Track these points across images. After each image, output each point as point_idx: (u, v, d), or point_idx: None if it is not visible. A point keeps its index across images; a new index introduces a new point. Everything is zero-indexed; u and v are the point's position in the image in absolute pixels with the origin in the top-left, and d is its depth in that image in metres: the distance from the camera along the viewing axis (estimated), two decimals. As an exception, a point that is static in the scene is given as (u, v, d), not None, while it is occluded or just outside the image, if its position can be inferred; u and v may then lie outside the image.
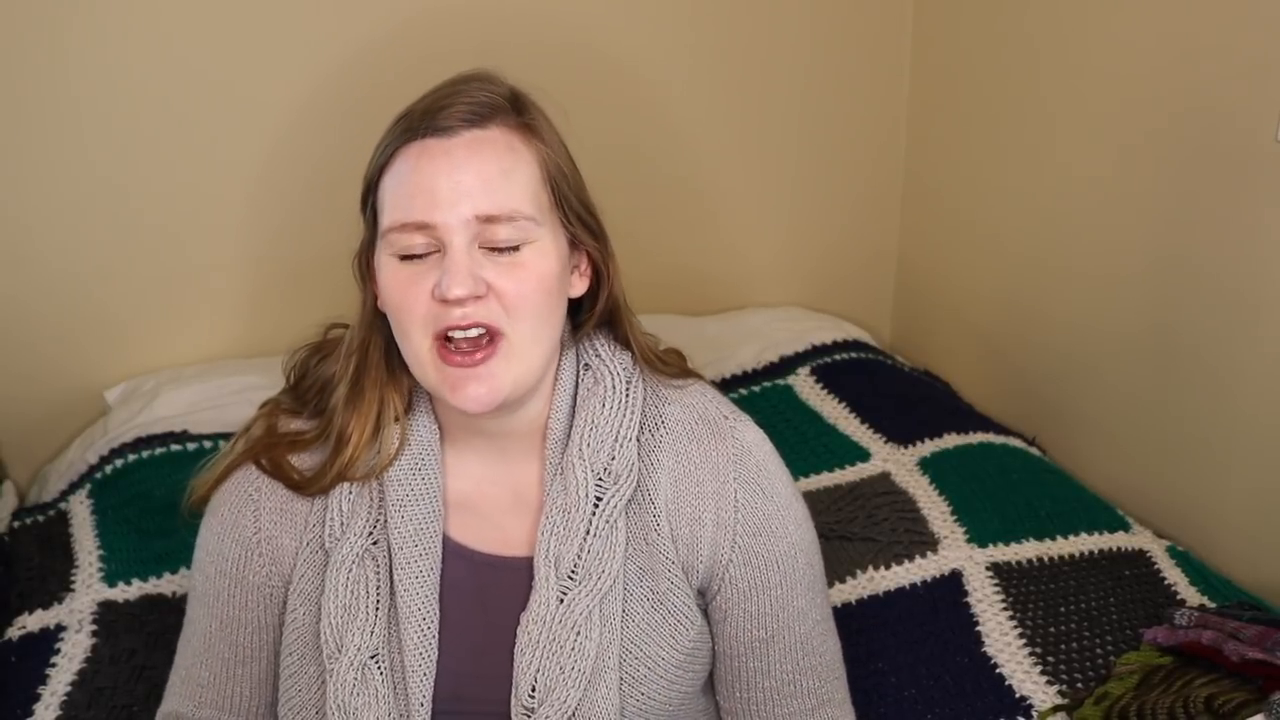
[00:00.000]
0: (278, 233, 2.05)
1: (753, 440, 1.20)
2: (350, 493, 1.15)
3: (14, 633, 1.52)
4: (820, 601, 1.23)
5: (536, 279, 1.08)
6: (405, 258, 1.08)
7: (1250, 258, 1.64)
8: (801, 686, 1.20)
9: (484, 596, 1.16)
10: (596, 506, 1.13)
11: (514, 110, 1.11)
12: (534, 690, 1.11)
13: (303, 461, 1.18)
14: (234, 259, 2.05)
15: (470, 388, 1.07)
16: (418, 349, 1.08)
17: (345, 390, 1.16)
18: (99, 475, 1.84)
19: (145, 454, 1.84)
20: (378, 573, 1.14)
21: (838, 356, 2.19)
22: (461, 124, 1.08)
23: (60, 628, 1.52)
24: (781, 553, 1.18)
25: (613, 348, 1.20)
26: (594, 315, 1.18)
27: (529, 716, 1.11)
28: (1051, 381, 2.06)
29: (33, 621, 1.54)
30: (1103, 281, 1.91)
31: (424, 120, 1.08)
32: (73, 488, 1.86)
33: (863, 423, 1.99)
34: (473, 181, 1.06)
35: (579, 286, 1.17)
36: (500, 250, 1.07)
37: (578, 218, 1.13)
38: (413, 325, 1.08)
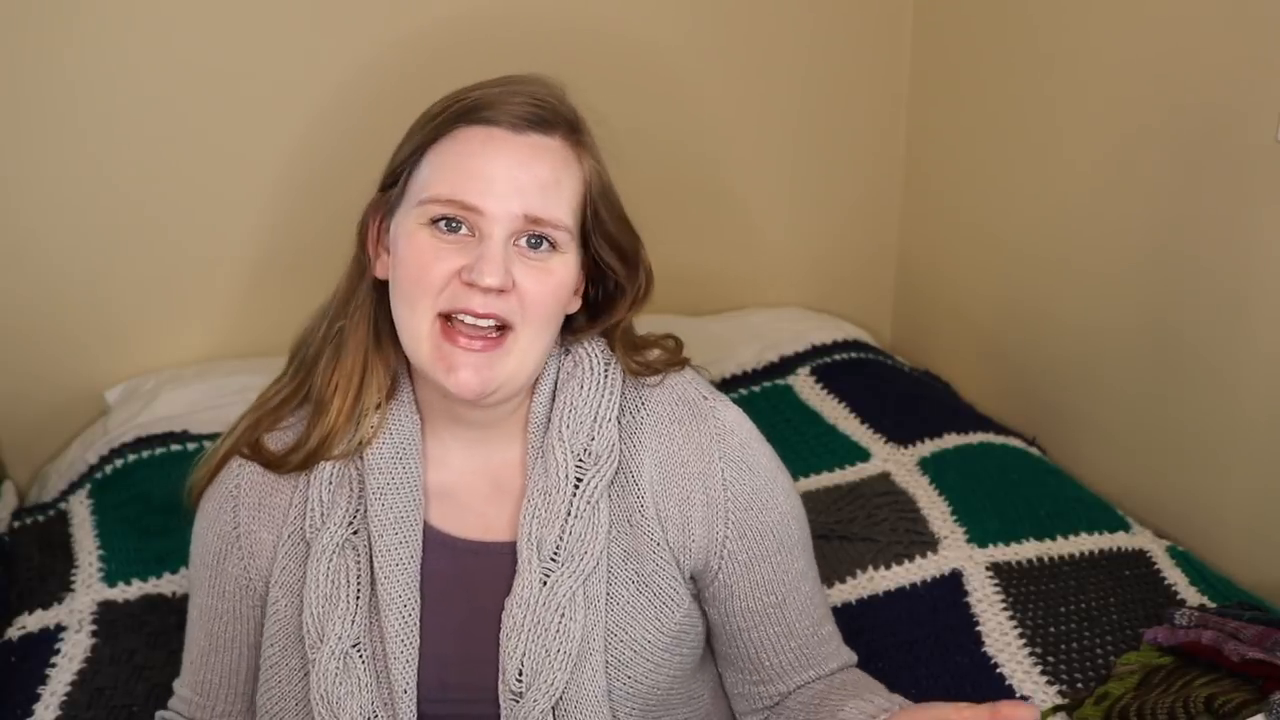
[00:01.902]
0: (279, 232, 2.05)
1: (732, 419, 1.21)
2: (330, 482, 1.16)
3: (14, 633, 1.53)
4: (814, 560, 1.26)
5: (556, 286, 1.11)
6: (435, 226, 1.08)
7: (1251, 257, 1.64)
8: (821, 634, 1.23)
9: (467, 583, 1.16)
10: (577, 488, 1.14)
11: (571, 124, 1.14)
12: (521, 674, 1.12)
13: (283, 437, 1.19)
14: (234, 259, 2.05)
15: (464, 373, 1.08)
16: (419, 322, 1.09)
17: (327, 349, 1.17)
18: (99, 475, 1.84)
19: (145, 454, 1.84)
20: (358, 562, 1.14)
21: (838, 356, 2.19)
22: (530, 125, 1.10)
23: (60, 628, 1.52)
24: (774, 521, 1.20)
25: (592, 335, 1.21)
26: (591, 329, 1.20)
27: (517, 701, 1.12)
28: (1051, 381, 2.06)
29: (33, 621, 1.54)
30: (1103, 281, 1.91)
31: (491, 109, 1.10)
32: (73, 488, 1.86)
33: (863, 423, 1.99)
34: (528, 181, 1.08)
35: (572, 305, 1.18)
36: (530, 253, 1.09)
37: (608, 238, 1.16)
38: (423, 298, 1.08)
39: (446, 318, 1.08)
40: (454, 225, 1.08)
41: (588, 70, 2.07)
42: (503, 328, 1.09)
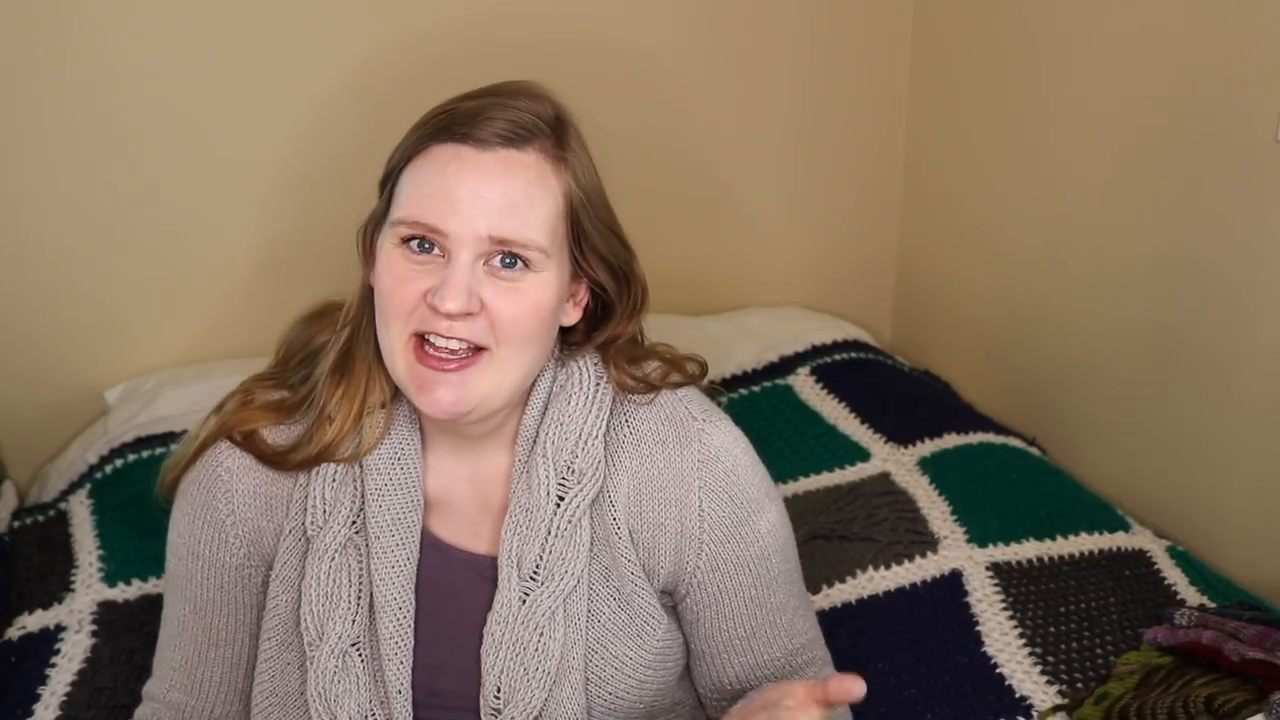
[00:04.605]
0: (279, 232, 2.05)
1: (721, 444, 1.17)
2: (334, 480, 1.15)
3: (14, 633, 1.53)
4: (798, 590, 1.23)
5: (532, 307, 1.08)
6: (407, 247, 1.07)
7: (1250, 258, 1.64)
8: (795, 663, 1.21)
9: (458, 592, 1.16)
10: (559, 505, 1.13)
11: (554, 136, 1.10)
12: (499, 691, 1.12)
13: (278, 435, 1.17)
14: (235, 259, 2.05)
15: (439, 391, 1.06)
16: (394, 341, 1.08)
17: (333, 359, 1.15)
18: (99, 475, 1.84)
19: (145, 454, 1.84)
20: (360, 562, 1.14)
21: (838, 356, 2.19)
22: (500, 140, 1.07)
23: (60, 628, 1.52)
24: (753, 556, 1.17)
25: (589, 350, 1.19)
26: (588, 344, 1.18)
27: (496, 717, 1.12)
28: (1051, 381, 2.06)
29: (33, 621, 1.54)
30: (1103, 281, 1.91)
31: (464, 125, 1.07)
32: (73, 488, 1.86)
33: (863, 423, 1.99)
34: (496, 200, 1.05)
35: (572, 315, 1.16)
36: (502, 272, 1.07)
37: (595, 252, 1.13)
38: (395, 318, 1.07)
39: (421, 337, 1.07)
40: (425, 245, 1.06)
41: (589, 74, 2.09)
42: (477, 348, 1.06)
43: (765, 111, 2.27)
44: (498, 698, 1.12)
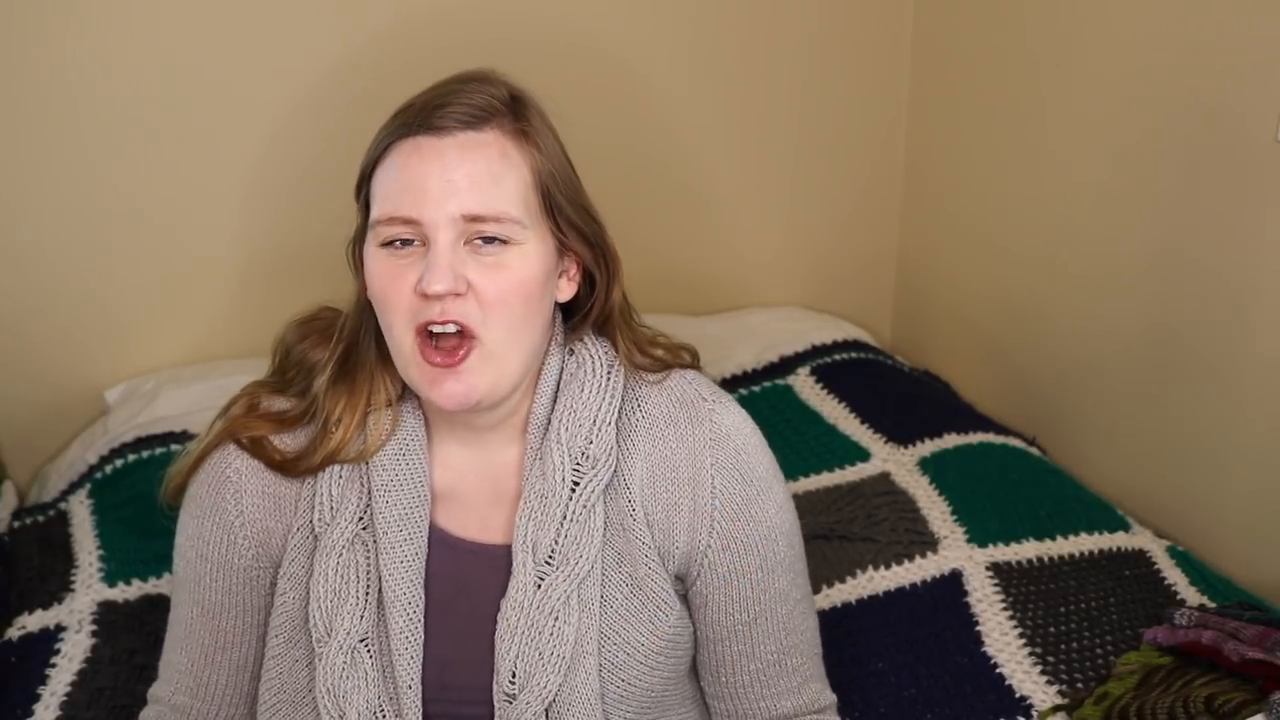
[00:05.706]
0: (278, 232, 2.05)
1: (731, 424, 1.19)
2: (340, 477, 1.16)
3: (14, 633, 1.53)
4: (801, 582, 1.24)
5: (517, 281, 1.09)
6: (391, 247, 1.08)
7: (1250, 258, 1.64)
8: (786, 666, 1.21)
9: (466, 584, 1.17)
10: (574, 491, 1.14)
11: (511, 114, 1.12)
12: (514, 676, 1.12)
13: (285, 442, 1.18)
14: (234, 259, 2.05)
15: (448, 384, 1.08)
16: (400, 342, 1.10)
17: (331, 373, 1.17)
18: (99, 475, 1.84)
19: (145, 454, 1.84)
20: (368, 558, 1.15)
21: (838, 356, 2.19)
22: (457, 125, 1.09)
23: (60, 628, 1.52)
24: (761, 537, 1.18)
25: (597, 334, 1.21)
26: (587, 320, 1.19)
27: (510, 703, 1.13)
28: (1051, 381, 2.06)
29: (33, 621, 1.54)
30: (1103, 282, 1.91)
31: (420, 117, 1.09)
32: (73, 488, 1.86)
33: (863, 423, 1.99)
34: (462, 181, 1.07)
35: (566, 291, 1.17)
36: (484, 249, 1.08)
37: (570, 224, 1.14)
38: (396, 318, 1.09)
39: (424, 334, 1.08)
40: (407, 241, 1.08)
41: (588, 71, 2.09)
42: (468, 335, 1.07)
43: (765, 112, 2.27)
44: (512, 684, 1.12)
